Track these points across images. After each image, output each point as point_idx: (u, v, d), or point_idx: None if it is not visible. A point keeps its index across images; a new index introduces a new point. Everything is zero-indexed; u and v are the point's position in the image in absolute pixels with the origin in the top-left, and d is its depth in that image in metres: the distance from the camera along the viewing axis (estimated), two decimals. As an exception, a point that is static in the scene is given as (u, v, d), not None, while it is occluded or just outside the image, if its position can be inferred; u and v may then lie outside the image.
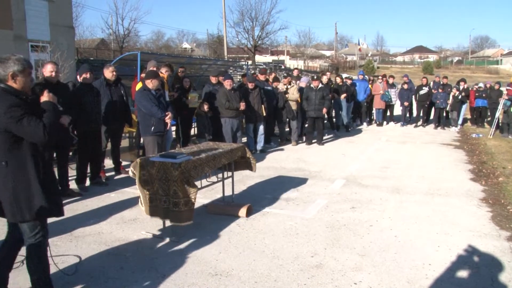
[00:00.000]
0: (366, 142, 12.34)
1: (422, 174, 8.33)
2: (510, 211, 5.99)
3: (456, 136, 13.97)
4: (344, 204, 6.35)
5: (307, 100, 11.33)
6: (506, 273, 4.14)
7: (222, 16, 38.46)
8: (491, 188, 7.29)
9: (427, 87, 16.01)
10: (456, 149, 11.33)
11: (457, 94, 15.30)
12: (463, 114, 16.19)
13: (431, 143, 12.33)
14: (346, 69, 64.57)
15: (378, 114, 16.34)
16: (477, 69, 76.16)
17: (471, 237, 5.04)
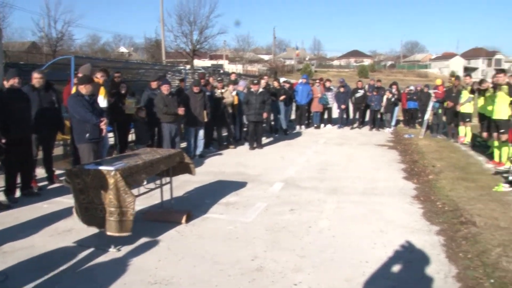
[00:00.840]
0: (305, 145, 12.63)
1: (359, 174, 8.65)
2: (439, 206, 6.38)
3: (390, 137, 14.64)
4: (283, 206, 6.46)
5: (247, 105, 11.42)
6: (434, 265, 4.41)
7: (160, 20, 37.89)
8: (422, 185, 7.71)
9: (362, 90, 16.64)
10: (390, 150, 11.88)
11: (390, 97, 16.03)
12: (396, 115, 17.02)
13: (366, 144, 12.84)
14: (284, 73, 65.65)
15: (315, 117, 16.77)
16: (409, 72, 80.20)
17: (404, 233, 5.31)
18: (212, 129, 11.86)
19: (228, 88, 12.10)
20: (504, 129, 8.82)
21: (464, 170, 8.80)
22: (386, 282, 4.08)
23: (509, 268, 4.27)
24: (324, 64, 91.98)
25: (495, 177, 8.11)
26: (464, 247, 4.85)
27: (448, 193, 7.01)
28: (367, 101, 16.27)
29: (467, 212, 6.00)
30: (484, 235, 5.15)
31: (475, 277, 4.13)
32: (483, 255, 4.60)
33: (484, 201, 6.55)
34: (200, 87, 10.44)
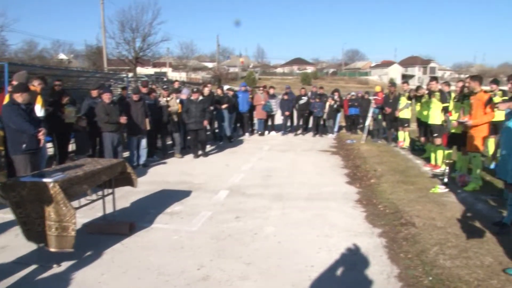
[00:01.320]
0: (249, 152, 12.72)
1: (303, 180, 8.83)
2: (381, 209, 6.64)
3: (333, 142, 15.04)
4: (228, 214, 6.49)
5: (187, 113, 11.36)
6: (377, 266, 4.60)
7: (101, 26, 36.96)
8: (364, 189, 7.99)
9: (306, 97, 16.99)
10: (333, 155, 12.20)
11: (332, 103, 16.49)
12: (338, 122, 17.54)
13: (310, 150, 13.12)
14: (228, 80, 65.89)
15: (260, 124, 16.93)
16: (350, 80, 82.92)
17: (348, 237, 5.49)
18: (155, 138, 11.71)
19: (173, 96, 12.00)
20: (438, 134, 9.32)
21: (404, 173, 9.21)
22: (332, 285, 4.21)
23: (446, 265, 4.54)
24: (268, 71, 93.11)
25: (432, 179, 8.55)
26: (404, 248, 5.09)
27: (389, 196, 7.32)
28: (310, 108, 16.64)
29: (407, 213, 6.30)
30: (422, 235, 5.43)
31: (415, 275, 4.35)
32: (422, 254, 4.85)
33: (423, 202, 6.89)
34: (140, 95, 10.28)
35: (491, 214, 6.26)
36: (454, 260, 4.66)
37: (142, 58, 53.04)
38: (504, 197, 5.98)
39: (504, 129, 5.65)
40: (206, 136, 12.31)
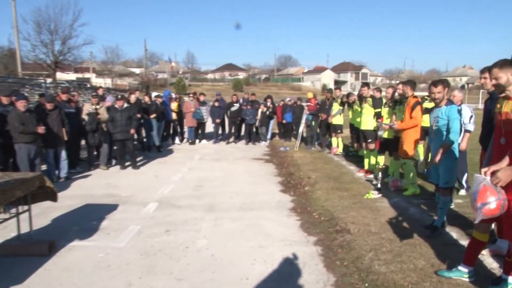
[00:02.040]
0: (179, 161, 12.56)
1: (236, 189, 8.83)
2: (316, 217, 6.78)
3: (266, 150, 15.23)
4: (158, 228, 6.34)
5: (112, 122, 11.04)
6: (314, 275, 4.66)
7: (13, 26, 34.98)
8: (299, 197, 8.13)
9: (237, 104, 17.08)
10: (266, 163, 12.34)
11: (265, 110, 16.70)
12: (271, 129, 17.77)
13: (243, 158, 13.19)
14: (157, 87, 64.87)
15: (190, 133, 16.80)
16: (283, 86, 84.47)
17: (283, 246, 5.54)
18: (78, 149, 11.25)
19: (103, 104, 11.57)
20: (371, 139, 9.69)
21: (338, 180, 9.47)
22: (267, 297, 4.21)
23: (381, 270, 4.69)
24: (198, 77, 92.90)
25: (366, 185, 8.86)
26: (340, 255, 5.20)
27: (324, 204, 7.49)
28: (242, 115, 16.75)
29: (342, 220, 6.46)
30: (358, 241, 5.59)
31: (351, 283, 4.45)
32: (357, 260, 4.98)
33: (357, 208, 7.11)
34: (55, 103, 9.83)
35: (423, 217, 6.57)
36: (389, 265, 4.83)
37: (62, 62, 50.67)
38: (435, 200, 6.29)
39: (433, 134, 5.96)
40: (134, 146, 12.00)
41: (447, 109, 5.73)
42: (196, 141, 16.90)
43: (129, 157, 11.56)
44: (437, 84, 5.85)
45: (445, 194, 5.88)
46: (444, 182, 5.76)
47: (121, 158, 11.47)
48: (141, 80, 71.19)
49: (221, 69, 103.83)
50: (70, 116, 10.26)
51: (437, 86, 5.79)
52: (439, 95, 5.75)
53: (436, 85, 5.82)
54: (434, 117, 5.89)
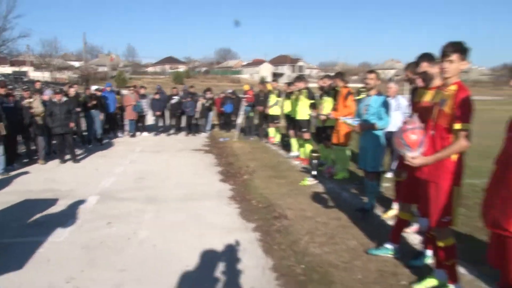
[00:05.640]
0: (120, 154, 12.26)
1: (177, 181, 8.76)
2: (254, 205, 6.85)
3: (206, 141, 15.16)
4: (99, 221, 6.18)
5: (51, 116, 10.59)
6: (253, 260, 4.73)
7: None
8: (238, 186, 8.17)
9: (177, 96, 16.89)
10: (206, 154, 12.29)
11: (204, 102, 16.63)
12: (210, 120, 17.74)
13: (183, 150, 13.07)
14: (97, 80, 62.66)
15: (131, 125, 16.43)
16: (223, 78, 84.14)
17: (224, 234, 5.55)
18: (15, 144, 10.71)
19: (36, 97, 11.05)
20: (306, 128, 9.89)
21: (275, 168, 9.61)
22: (210, 284, 4.22)
23: (316, 252, 4.83)
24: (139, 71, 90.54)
25: (301, 172, 9.04)
26: (278, 240, 5.29)
27: (262, 191, 7.58)
28: (182, 107, 16.59)
29: (280, 207, 6.58)
30: (294, 226, 5.72)
31: (289, 265, 4.55)
32: (294, 244, 5.10)
33: (294, 195, 7.26)
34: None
35: (354, 201, 6.82)
36: (323, 247, 4.99)
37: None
38: (364, 185, 6.55)
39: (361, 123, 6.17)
40: (73, 139, 11.58)
41: (377, 99, 5.97)
42: (137, 133, 16.56)
43: (69, 151, 11.15)
44: (371, 72, 6.20)
45: (373, 178, 6.14)
46: (371, 167, 6.00)
47: (61, 152, 11.03)
48: (80, 73, 68.45)
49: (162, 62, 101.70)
50: (8, 111, 9.73)
51: (371, 73, 6.10)
52: (371, 81, 6.01)
53: (371, 73, 6.14)
54: (365, 105, 6.11)
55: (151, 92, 18.49)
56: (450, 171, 3.53)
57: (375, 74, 6.10)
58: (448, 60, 3.57)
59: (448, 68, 3.60)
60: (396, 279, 4.19)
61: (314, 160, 8.60)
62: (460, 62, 3.55)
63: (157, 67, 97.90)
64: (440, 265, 3.87)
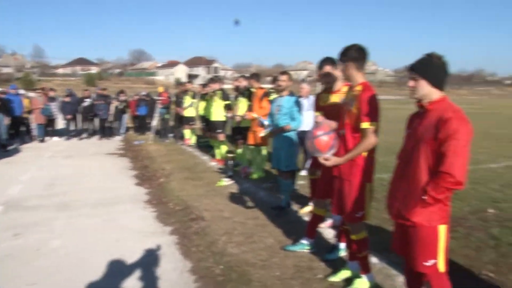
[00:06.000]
0: (28, 160, 11.44)
1: (90, 186, 8.36)
2: (171, 207, 6.71)
3: (120, 144, 14.66)
4: (4, 232, 5.71)
5: None
6: (171, 263, 4.61)
7: None
8: (154, 189, 7.96)
9: (90, 99, 16.20)
10: (121, 157, 11.88)
11: (118, 105, 16.09)
12: (125, 123, 17.20)
13: (97, 154, 12.52)
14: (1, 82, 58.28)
15: (39, 130, 15.45)
16: (137, 80, 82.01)
17: (140, 239, 5.38)
18: None
19: None
20: (221, 129, 9.89)
21: (192, 170, 9.50)
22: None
23: (234, 252, 4.82)
24: (48, 72, 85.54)
25: (218, 173, 9.01)
26: (196, 242, 5.22)
27: (178, 194, 7.44)
28: (95, 110, 15.95)
29: (197, 208, 6.50)
30: (212, 227, 5.67)
31: (207, 266, 4.50)
32: (212, 245, 5.06)
33: (210, 196, 7.21)
34: None
35: (270, 200, 6.91)
36: (241, 246, 4.99)
37: None
38: (279, 184, 6.65)
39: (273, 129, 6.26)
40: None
41: (289, 99, 6.07)
42: (46, 138, 15.58)
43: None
44: (283, 73, 6.24)
45: (288, 177, 6.25)
46: (285, 166, 6.11)
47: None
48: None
49: (73, 64, 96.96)
50: None
51: (283, 75, 6.16)
52: (284, 83, 6.08)
53: (283, 74, 6.20)
54: (277, 106, 6.19)
55: (61, 95, 17.56)
56: (362, 168, 3.67)
57: (287, 76, 6.20)
58: (342, 66, 3.83)
59: (344, 73, 3.87)
60: (313, 273, 4.29)
61: (230, 161, 8.63)
62: (352, 68, 3.74)
63: (67, 69, 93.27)
64: (353, 257, 4.02)
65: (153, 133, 15.22)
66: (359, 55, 3.72)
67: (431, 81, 2.83)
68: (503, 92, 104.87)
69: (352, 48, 3.73)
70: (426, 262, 2.85)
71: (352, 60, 3.71)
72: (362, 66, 3.75)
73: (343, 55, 3.78)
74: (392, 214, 3.05)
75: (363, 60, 3.74)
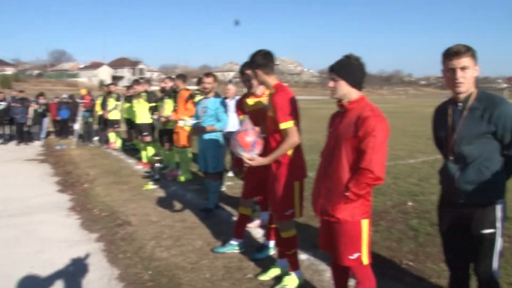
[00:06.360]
0: None
1: (8, 195, 7.81)
2: (96, 214, 6.46)
3: (41, 150, 13.91)
4: None
5: None
6: (98, 272, 4.42)
7: None
8: (78, 196, 7.62)
9: (5, 102, 15.25)
10: (41, 163, 11.26)
11: (37, 108, 15.27)
12: (45, 127, 16.36)
13: (15, 160, 11.79)
14: None
15: None
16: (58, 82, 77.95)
17: (64, 248, 5.12)
18: None
19: None
20: (146, 132, 9.67)
21: (117, 174, 9.22)
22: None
23: (163, 256, 4.73)
24: (-45, 74, 79.19)
25: (144, 177, 8.80)
26: (123, 248, 5.06)
27: (104, 199, 7.19)
28: (11, 113, 15.01)
29: (123, 213, 6.31)
30: (139, 232, 5.53)
31: (135, 273, 4.37)
32: (140, 251, 4.93)
33: (137, 200, 7.03)
34: None
35: (198, 202, 6.85)
36: (170, 250, 4.90)
37: None
38: (206, 186, 6.61)
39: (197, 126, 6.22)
40: None
41: (215, 101, 6.06)
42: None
43: None
44: (209, 75, 6.20)
45: (215, 179, 6.23)
46: (212, 168, 6.08)
47: None
48: None
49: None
50: None
51: (209, 77, 6.13)
52: (209, 85, 6.06)
53: (208, 76, 6.16)
54: (203, 107, 6.15)
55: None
56: (289, 167, 3.70)
57: (213, 77, 6.18)
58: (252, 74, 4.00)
59: (256, 80, 3.99)
60: (243, 273, 4.30)
61: (157, 164, 8.46)
62: (261, 74, 3.82)
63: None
64: (283, 255, 4.08)
65: (76, 137, 14.57)
66: (265, 60, 3.79)
67: (350, 82, 2.92)
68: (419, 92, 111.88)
69: (257, 54, 3.80)
70: (351, 255, 2.94)
71: (260, 67, 3.79)
72: (271, 70, 3.82)
73: (251, 63, 3.87)
74: (317, 211, 3.12)
75: (271, 64, 3.82)
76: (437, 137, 3.10)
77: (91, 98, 15.20)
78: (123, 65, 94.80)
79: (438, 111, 3.09)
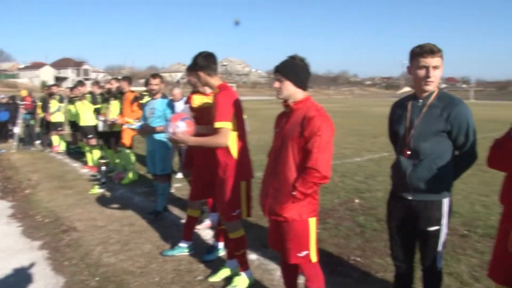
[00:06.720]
0: None
1: None
2: (39, 220, 6.15)
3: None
4: None
5: None
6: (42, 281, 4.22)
7: None
8: (19, 202, 7.22)
9: None
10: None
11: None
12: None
13: (-51, 167, 11.02)
14: None
15: None
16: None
17: (4, 258, 4.83)
18: None
19: None
20: (91, 134, 9.37)
21: (62, 178, 8.85)
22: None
23: (110, 262, 4.59)
24: None
25: (90, 180, 8.51)
26: (68, 255, 4.85)
27: (47, 205, 6.88)
28: None
29: (68, 219, 6.07)
30: (85, 237, 5.34)
31: (82, 280, 4.21)
32: (86, 257, 4.75)
33: (83, 205, 6.79)
34: None
35: (147, 205, 6.72)
36: (118, 255, 4.76)
37: None
38: (155, 188, 6.49)
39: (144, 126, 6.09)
40: None
41: (162, 102, 5.97)
42: None
43: None
44: (155, 77, 6.11)
45: (164, 180, 6.13)
46: (160, 170, 5.98)
47: None
48: None
49: None
50: None
51: (155, 78, 6.04)
52: (156, 86, 5.97)
53: (155, 77, 6.07)
54: (150, 108, 6.03)
55: None
56: (234, 168, 3.67)
57: (159, 78, 6.09)
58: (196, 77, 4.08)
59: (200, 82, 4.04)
60: (193, 275, 4.25)
61: (103, 167, 8.21)
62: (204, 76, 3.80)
63: None
64: (232, 256, 4.07)
65: (16, 141, 13.83)
66: (207, 62, 3.77)
67: (295, 82, 2.94)
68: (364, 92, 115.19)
69: (199, 57, 3.79)
70: (299, 253, 2.97)
71: (202, 69, 3.77)
72: (214, 71, 3.79)
73: (193, 66, 3.88)
74: (265, 211, 3.12)
75: (213, 66, 3.79)
76: (393, 132, 3.16)
77: (32, 99, 14.53)
78: (67, 66, 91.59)
79: (397, 106, 3.13)
